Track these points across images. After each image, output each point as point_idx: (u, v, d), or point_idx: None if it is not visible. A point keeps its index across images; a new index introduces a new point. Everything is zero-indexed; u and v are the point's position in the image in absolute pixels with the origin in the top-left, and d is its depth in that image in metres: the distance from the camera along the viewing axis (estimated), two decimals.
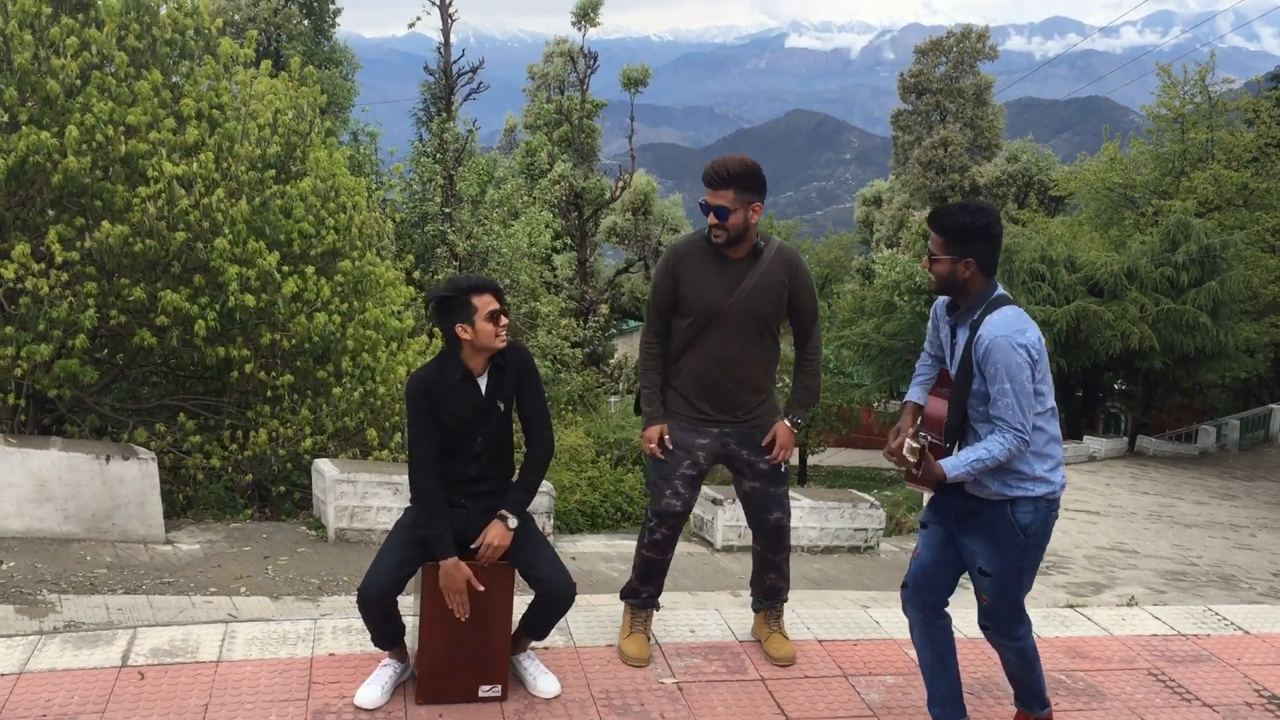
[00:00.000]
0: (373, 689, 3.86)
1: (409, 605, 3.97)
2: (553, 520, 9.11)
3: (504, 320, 3.79)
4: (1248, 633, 5.29)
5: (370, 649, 4.08)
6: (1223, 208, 28.71)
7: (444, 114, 22.94)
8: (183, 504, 8.43)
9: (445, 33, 23.91)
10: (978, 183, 43.52)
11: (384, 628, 3.83)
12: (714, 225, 4.14)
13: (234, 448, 8.48)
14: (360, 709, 3.81)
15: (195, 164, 8.30)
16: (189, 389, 9.63)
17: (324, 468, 8.14)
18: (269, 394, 8.86)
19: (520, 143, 35.36)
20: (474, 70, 24.32)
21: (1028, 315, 3.56)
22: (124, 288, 8.11)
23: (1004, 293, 3.60)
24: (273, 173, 9.03)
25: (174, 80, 9.19)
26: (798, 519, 8.17)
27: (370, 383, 9.24)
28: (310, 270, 8.85)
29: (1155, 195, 29.63)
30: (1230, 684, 4.64)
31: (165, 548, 7.19)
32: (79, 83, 8.23)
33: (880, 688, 4.34)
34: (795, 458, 25.90)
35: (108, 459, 7.10)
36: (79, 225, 8.01)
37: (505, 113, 46.47)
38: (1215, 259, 24.18)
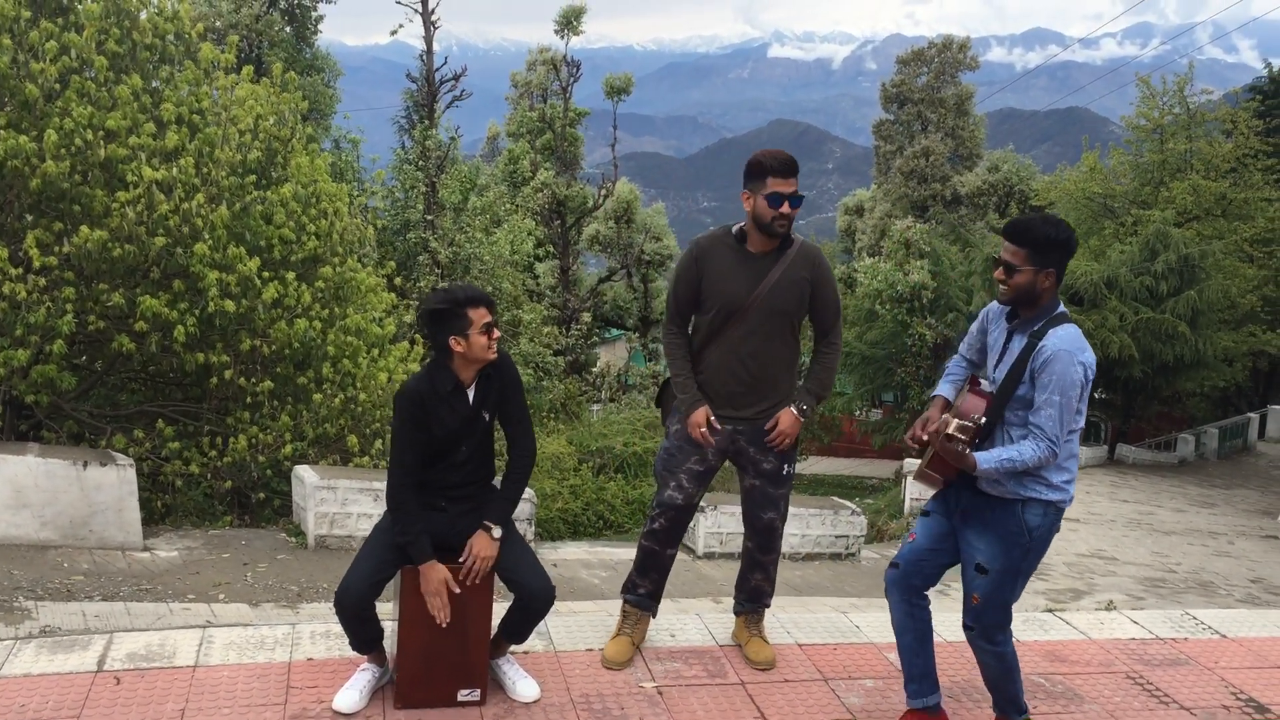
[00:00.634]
0: (351, 693, 3.85)
1: (388, 610, 3.95)
2: (534, 527, 9.08)
3: (496, 333, 3.79)
4: (1225, 637, 5.32)
5: (348, 653, 4.07)
6: (1201, 218, 28.93)
7: (426, 121, 22.91)
8: (161, 511, 8.38)
9: (428, 40, 23.89)
10: (959, 192, 43.72)
11: (362, 632, 3.82)
12: (784, 215, 4.12)
13: (213, 454, 8.43)
14: (338, 713, 3.80)
15: (175, 169, 8.26)
16: (168, 395, 9.57)
17: (304, 474, 8.10)
18: (249, 400, 8.82)
19: (503, 150, 35.32)
20: (456, 78, 24.28)
21: (1086, 339, 3.61)
22: (103, 293, 8.06)
23: (1065, 310, 3.66)
24: (253, 178, 9.00)
25: (154, 85, 9.16)
26: None
27: (351, 389, 9.21)
28: (291, 276, 8.82)
29: (1134, 205, 29.85)
30: (1207, 687, 4.67)
31: (143, 554, 7.14)
32: (58, 87, 8.19)
33: (860, 691, 4.34)
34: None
35: (85, 465, 7.05)
36: (57, 230, 7.96)
37: (488, 120, 46.43)
38: (1194, 268, 24.36)
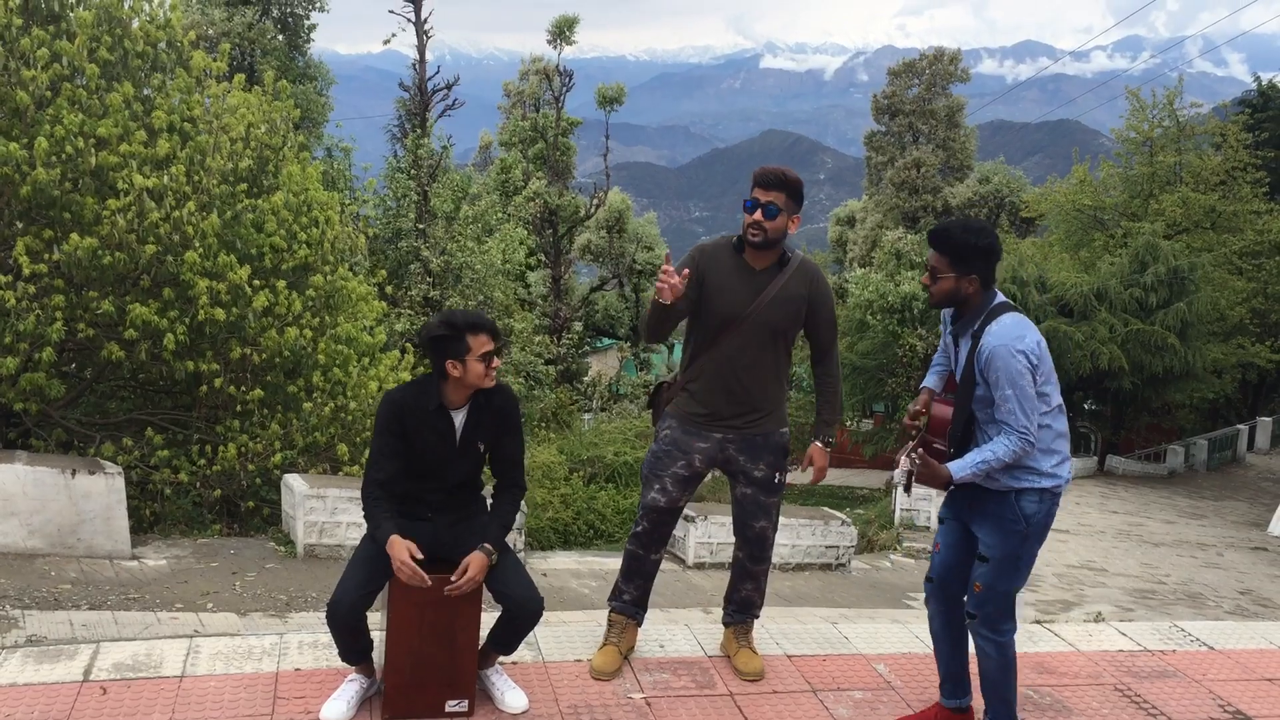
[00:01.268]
0: (339, 704, 3.83)
1: (376, 621, 3.94)
2: (524, 537, 9.07)
3: (496, 362, 3.78)
4: (1213, 649, 5.33)
5: (337, 664, 4.05)
6: (1191, 230, 29.07)
7: (419, 130, 22.91)
8: (150, 519, 8.34)
9: (420, 50, 23.92)
10: (950, 204, 43.87)
11: (352, 643, 3.80)
12: (756, 222, 4.11)
13: (202, 463, 8.40)
14: None
15: (166, 177, 8.25)
16: (157, 403, 9.54)
17: (293, 483, 8.08)
18: (238, 409, 8.80)
19: (495, 160, 35.36)
20: (449, 87, 24.32)
21: (1027, 320, 3.68)
22: (92, 300, 8.04)
23: (1004, 299, 3.72)
24: (245, 186, 8.98)
25: (146, 93, 9.14)
26: None
27: (341, 398, 9.19)
28: (281, 284, 8.80)
29: (1124, 217, 29.98)
30: (1196, 699, 4.67)
31: (131, 563, 7.11)
32: (49, 94, 8.18)
33: (848, 703, 4.34)
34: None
35: (74, 473, 7.02)
36: (47, 237, 7.94)
37: (480, 130, 46.47)
38: (1183, 281, 24.47)
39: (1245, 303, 27.45)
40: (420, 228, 20.34)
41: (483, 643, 3.99)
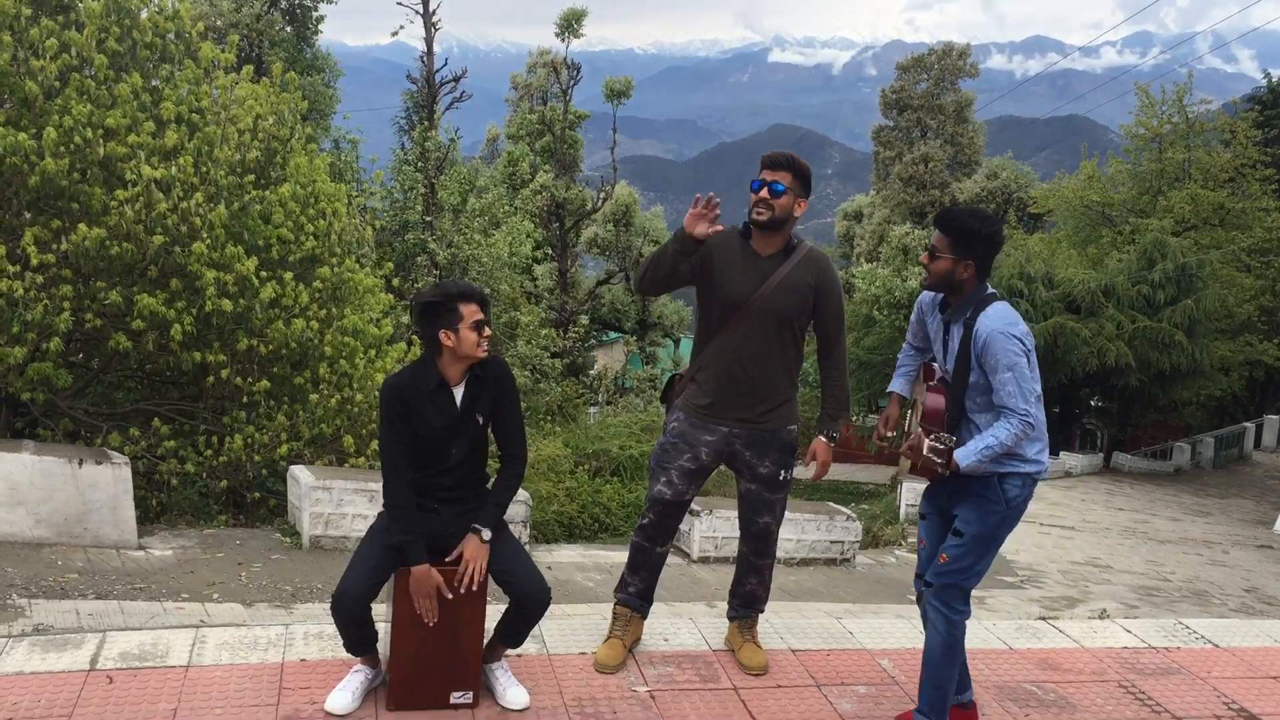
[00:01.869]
0: (343, 695, 3.85)
1: (382, 612, 3.95)
2: (529, 530, 9.08)
3: (487, 331, 3.78)
4: (1218, 646, 5.33)
5: (342, 655, 4.06)
6: (1199, 227, 29.01)
7: (426, 122, 22.91)
8: (156, 509, 8.36)
9: (428, 42, 23.90)
10: (957, 199, 43.76)
11: (357, 634, 3.81)
12: (762, 201, 4.11)
13: (209, 453, 8.42)
14: (331, 714, 3.79)
15: (174, 168, 8.25)
16: (164, 394, 9.56)
17: (299, 474, 8.10)
18: (245, 400, 8.81)
19: (502, 152, 35.39)
20: (457, 79, 24.30)
21: (1014, 310, 3.74)
22: (100, 291, 8.05)
23: (993, 291, 3.78)
24: (252, 178, 8.99)
25: (154, 84, 9.14)
26: None
27: (347, 389, 9.20)
28: (288, 276, 8.81)
29: (1133, 214, 29.92)
30: (1200, 697, 4.67)
31: (138, 553, 7.13)
32: (58, 84, 8.18)
33: (852, 697, 4.35)
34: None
35: (81, 463, 7.04)
36: (55, 227, 7.95)
37: (488, 122, 46.48)
38: (1191, 278, 24.42)
39: (1253, 300, 27.40)
40: (427, 220, 20.34)
41: (489, 636, 4.00)
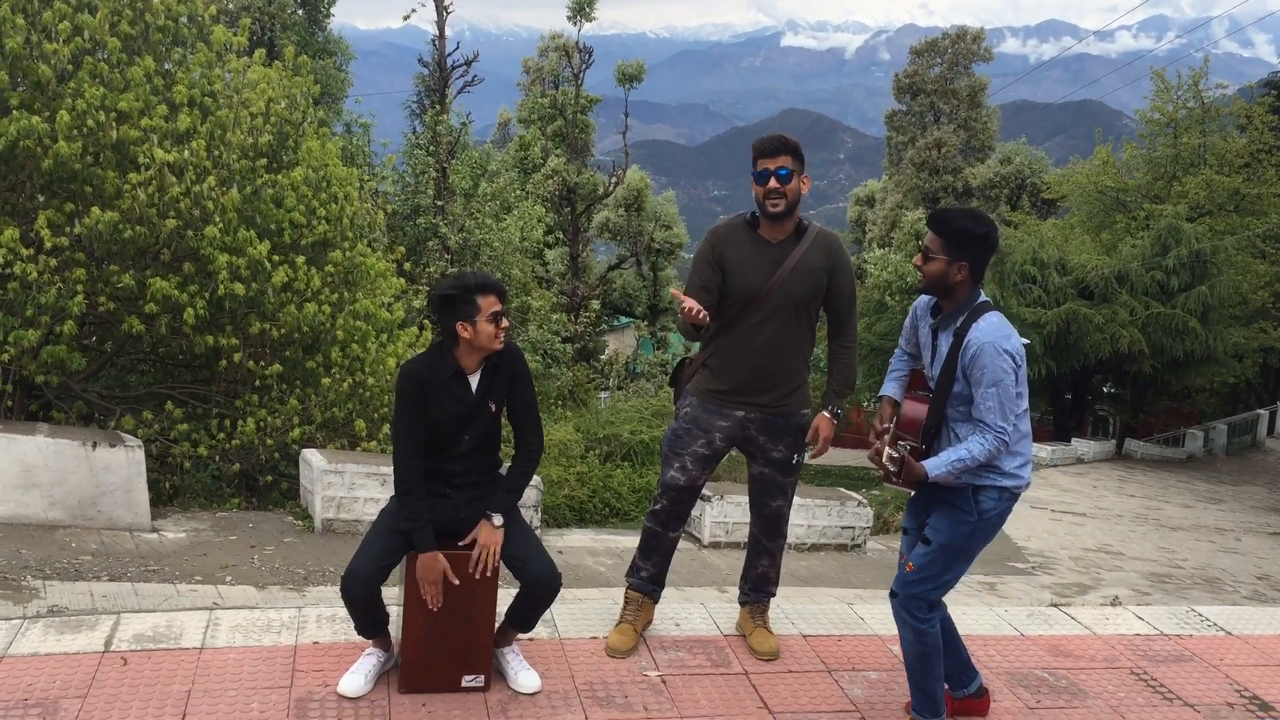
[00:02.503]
0: (356, 677, 3.86)
1: (394, 595, 3.96)
2: (540, 514, 9.10)
3: (504, 323, 3.78)
4: (1230, 634, 5.31)
5: (354, 638, 4.08)
6: (1214, 213, 28.85)
7: (438, 106, 22.87)
8: (169, 492, 8.40)
9: (440, 25, 23.83)
10: (970, 184, 43.63)
11: (367, 616, 3.83)
12: (773, 190, 4.08)
13: (221, 437, 8.45)
14: (343, 697, 3.81)
15: (187, 151, 8.26)
16: (177, 377, 9.59)
17: (312, 458, 8.12)
18: (257, 383, 8.83)
19: (514, 137, 35.35)
20: (468, 63, 24.23)
21: (1009, 323, 3.65)
22: (113, 274, 8.08)
23: (987, 299, 3.69)
24: (264, 162, 8.99)
25: (166, 67, 9.14)
26: None
27: (359, 374, 9.22)
28: (300, 260, 8.82)
29: (1147, 199, 29.76)
30: (1212, 684, 4.66)
31: (151, 535, 7.16)
32: (71, 68, 8.19)
33: (863, 683, 4.35)
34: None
35: (94, 446, 7.07)
36: (69, 211, 7.97)
37: (499, 106, 46.44)
38: (1205, 264, 24.30)
39: (1268, 287, 27.24)
40: (439, 204, 20.34)
41: (500, 621, 4.01)
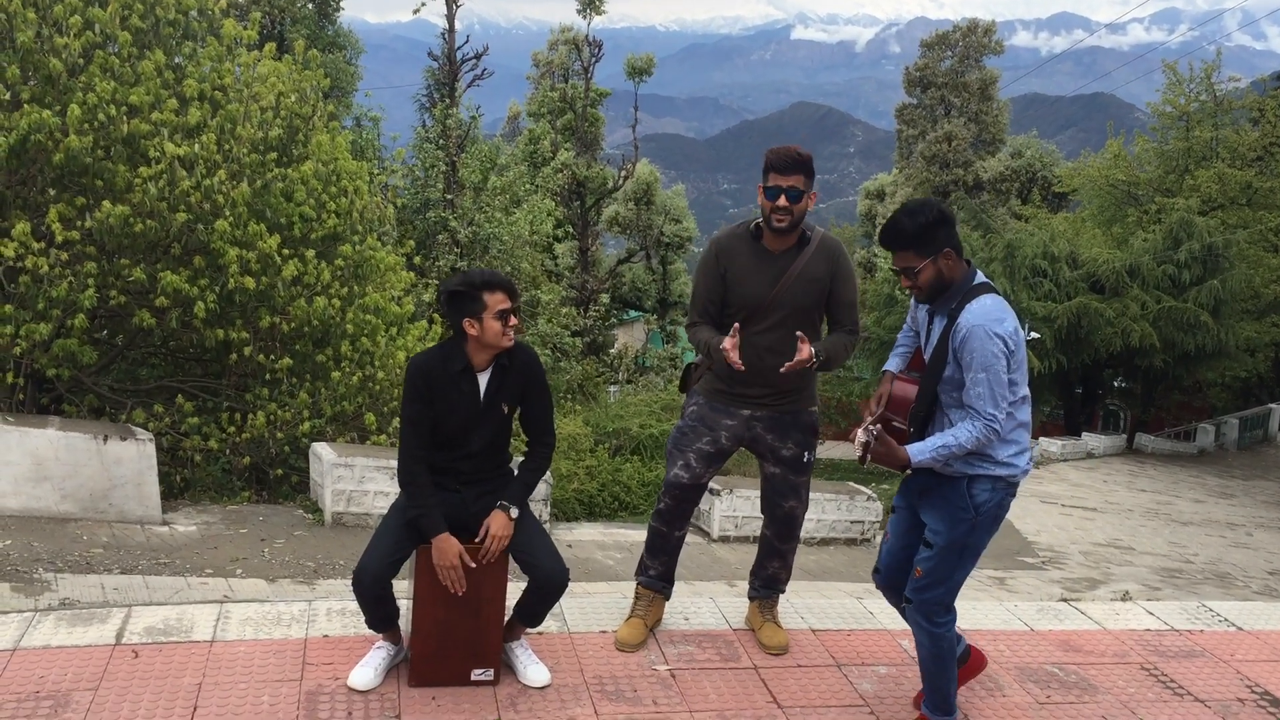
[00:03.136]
0: (366, 670, 3.87)
1: (404, 589, 3.97)
2: (550, 508, 9.11)
3: (513, 320, 3.77)
4: (1241, 629, 5.29)
5: (364, 631, 4.09)
6: (1226, 206, 28.72)
7: (447, 100, 22.88)
8: (180, 485, 8.43)
9: (450, 19, 23.82)
10: (981, 178, 43.49)
11: (378, 610, 3.83)
12: (782, 208, 4.05)
13: (232, 430, 8.48)
14: (353, 690, 3.82)
15: (197, 145, 8.28)
16: (188, 371, 9.63)
17: (322, 451, 8.15)
18: (268, 377, 8.86)
19: (523, 130, 35.29)
20: (478, 57, 24.24)
21: (1006, 304, 3.54)
22: (124, 268, 8.10)
23: (984, 280, 3.59)
24: (274, 155, 9.00)
25: (177, 61, 9.16)
26: None
27: (369, 367, 9.23)
28: (310, 254, 8.84)
29: (1159, 193, 29.65)
30: (1223, 679, 4.65)
31: (162, 528, 7.19)
32: (82, 62, 8.21)
33: (873, 677, 4.34)
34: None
35: (105, 439, 7.10)
36: (80, 205, 7.99)
37: (509, 100, 46.41)
38: (1217, 258, 24.20)
39: None
40: (448, 198, 20.35)
41: (508, 616, 4.01)
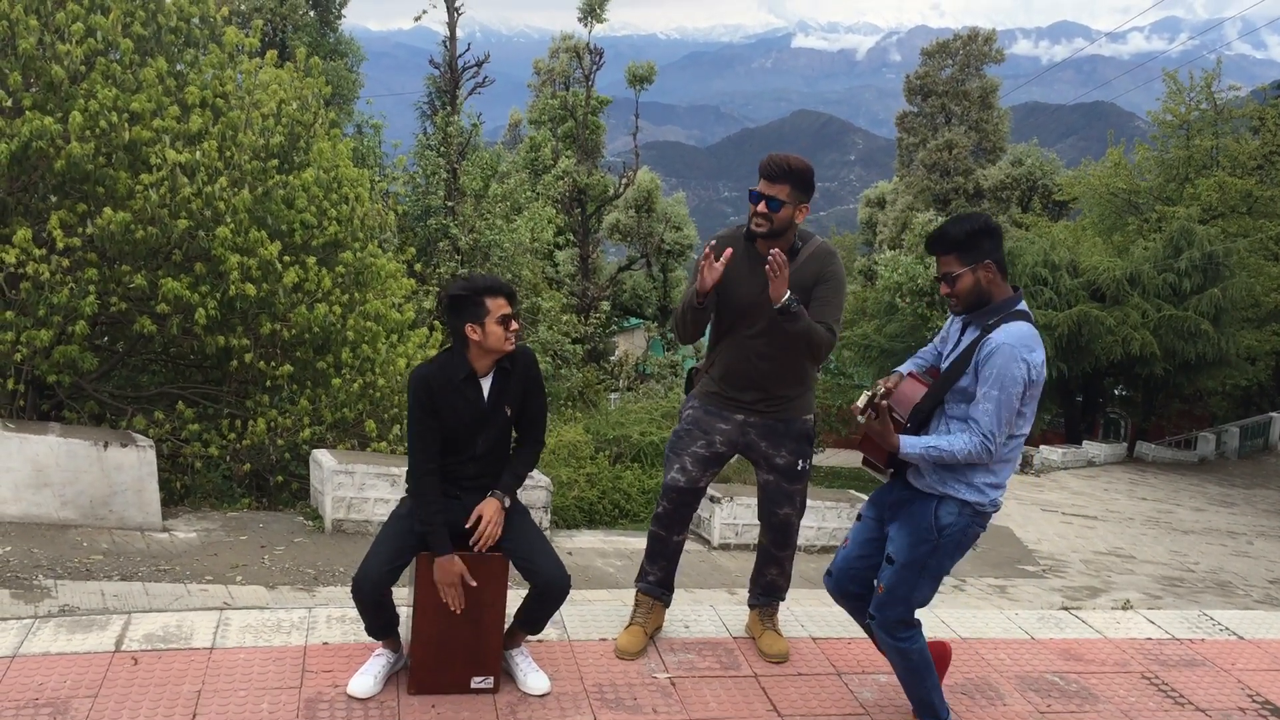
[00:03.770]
0: (365, 678, 3.87)
1: (403, 596, 3.97)
2: (550, 515, 9.10)
3: (514, 325, 3.78)
4: (1242, 638, 5.29)
5: (364, 639, 4.08)
6: (1226, 215, 28.73)
7: (449, 108, 22.90)
8: (180, 492, 8.43)
9: (451, 26, 23.84)
10: (982, 186, 43.50)
11: (378, 617, 3.83)
12: (760, 214, 4.06)
13: (232, 437, 8.48)
14: (353, 698, 3.81)
15: (198, 152, 8.29)
16: (188, 377, 9.63)
17: (322, 458, 8.14)
18: (268, 384, 8.86)
19: (524, 138, 35.31)
20: (479, 64, 24.25)
21: (1040, 338, 3.54)
22: (125, 274, 8.11)
23: (1025, 309, 3.59)
24: (276, 163, 9.01)
25: (179, 68, 9.18)
26: None
27: (370, 374, 9.24)
28: (311, 261, 8.84)
29: (1159, 201, 29.66)
30: (1224, 689, 4.64)
31: (162, 535, 7.18)
32: (83, 69, 8.22)
33: (873, 686, 4.34)
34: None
35: (106, 446, 7.10)
36: (81, 211, 8.00)
37: (510, 108, 46.48)
38: (1218, 266, 24.20)
39: None
40: (449, 205, 20.36)
41: (509, 623, 4.01)
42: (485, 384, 3.86)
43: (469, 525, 3.81)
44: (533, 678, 4.01)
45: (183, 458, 8.44)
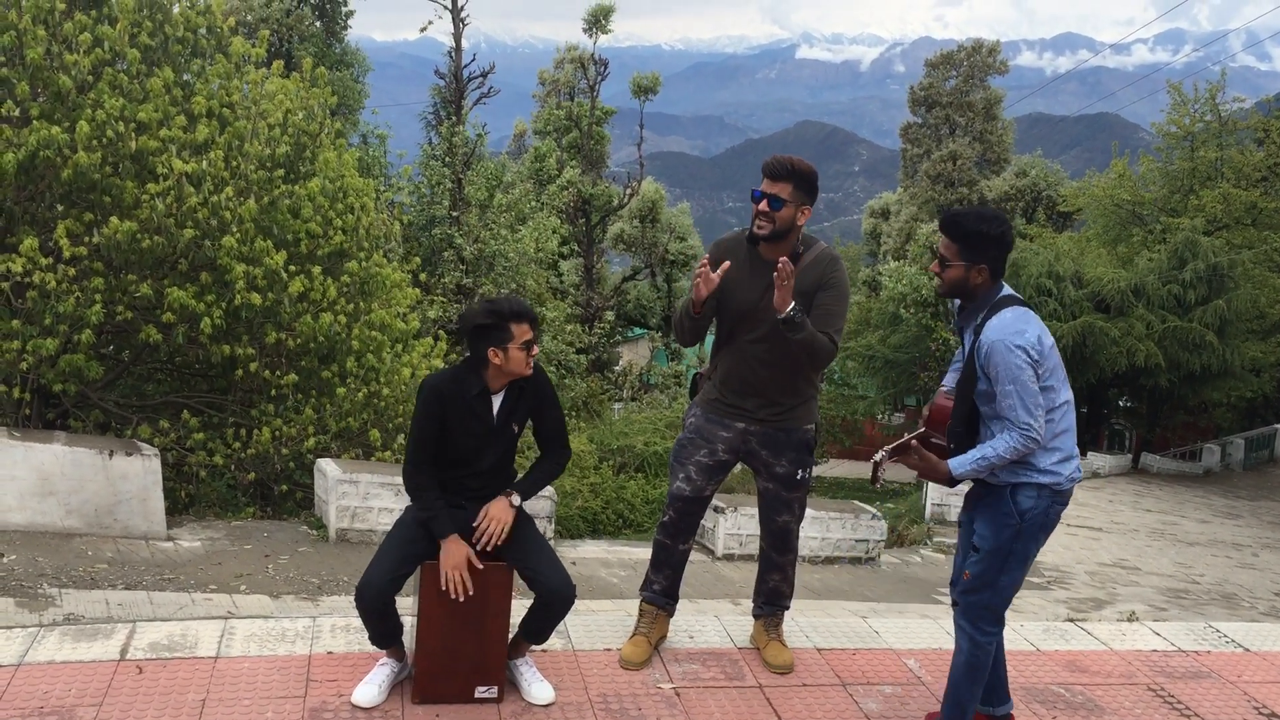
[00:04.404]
0: (370, 688, 3.86)
1: (408, 605, 3.97)
2: (554, 525, 9.09)
3: (535, 350, 3.81)
4: (1248, 650, 5.27)
5: (368, 648, 4.08)
6: (1231, 226, 28.73)
7: (454, 118, 22.94)
8: (185, 501, 8.43)
9: (457, 37, 23.89)
10: (986, 197, 43.49)
11: (381, 626, 3.83)
12: (762, 213, 4.05)
13: (237, 446, 8.48)
14: (357, 707, 3.81)
15: (205, 162, 8.31)
16: (193, 386, 9.64)
17: (326, 468, 8.15)
18: (273, 393, 8.87)
19: (529, 148, 35.35)
20: (484, 75, 24.29)
21: (1030, 314, 3.56)
22: (131, 284, 8.13)
23: (1009, 293, 3.62)
24: (282, 172, 9.04)
25: (185, 78, 9.21)
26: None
27: (374, 384, 9.25)
28: (317, 270, 8.86)
29: (1163, 213, 29.67)
30: (1230, 701, 4.63)
31: (166, 544, 7.19)
32: (91, 79, 8.25)
33: (878, 697, 4.33)
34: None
35: (111, 454, 7.11)
36: (87, 220, 8.02)
37: (515, 118, 46.57)
38: (1223, 278, 24.20)
39: None
40: (454, 215, 20.39)
41: (513, 633, 4.01)
42: (496, 400, 3.87)
43: (476, 524, 3.81)
44: (537, 687, 4.01)
45: (187, 467, 8.45)
